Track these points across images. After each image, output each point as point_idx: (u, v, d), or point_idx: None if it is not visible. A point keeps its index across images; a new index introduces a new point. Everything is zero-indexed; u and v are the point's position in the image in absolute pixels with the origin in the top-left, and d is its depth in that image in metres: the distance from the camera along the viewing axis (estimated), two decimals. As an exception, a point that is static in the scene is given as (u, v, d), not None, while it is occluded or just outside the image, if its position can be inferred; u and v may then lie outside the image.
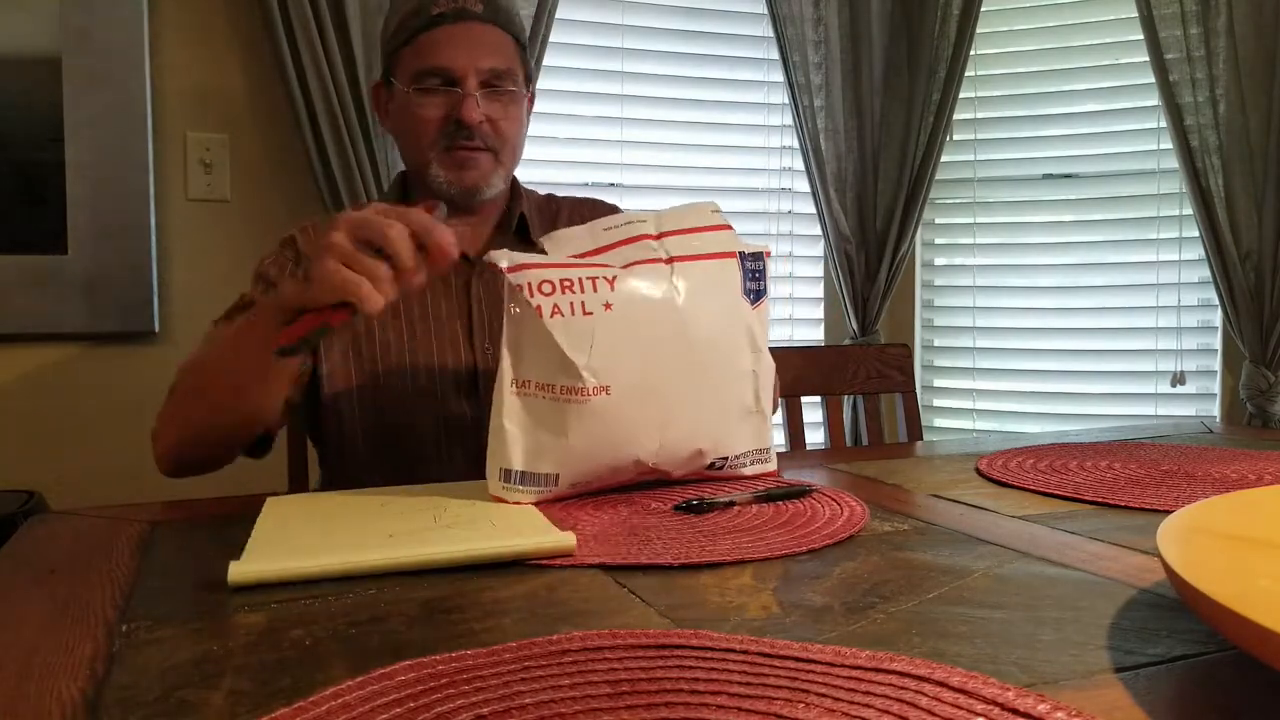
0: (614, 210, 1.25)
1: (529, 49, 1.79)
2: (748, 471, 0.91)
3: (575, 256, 0.86)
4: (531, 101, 1.19)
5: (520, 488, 0.81)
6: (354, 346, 1.11)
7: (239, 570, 0.60)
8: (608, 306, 0.81)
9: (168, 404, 0.99)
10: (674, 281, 0.85)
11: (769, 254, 0.93)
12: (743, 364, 0.89)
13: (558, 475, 0.81)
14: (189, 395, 0.97)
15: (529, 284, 0.80)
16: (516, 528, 0.70)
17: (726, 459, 0.89)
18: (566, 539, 0.66)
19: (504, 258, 0.82)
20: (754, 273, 0.90)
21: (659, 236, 0.88)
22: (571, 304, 0.80)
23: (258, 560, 0.62)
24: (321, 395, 1.10)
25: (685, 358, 0.84)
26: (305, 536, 0.69)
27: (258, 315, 0.89)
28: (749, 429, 0.90)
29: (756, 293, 0.90)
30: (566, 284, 0.80)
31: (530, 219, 1.18)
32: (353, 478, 1.08)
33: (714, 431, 0.87)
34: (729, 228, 0.92)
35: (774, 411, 0.95)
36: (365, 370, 1.10)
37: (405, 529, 0.70)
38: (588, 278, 0.81)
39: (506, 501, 0.81)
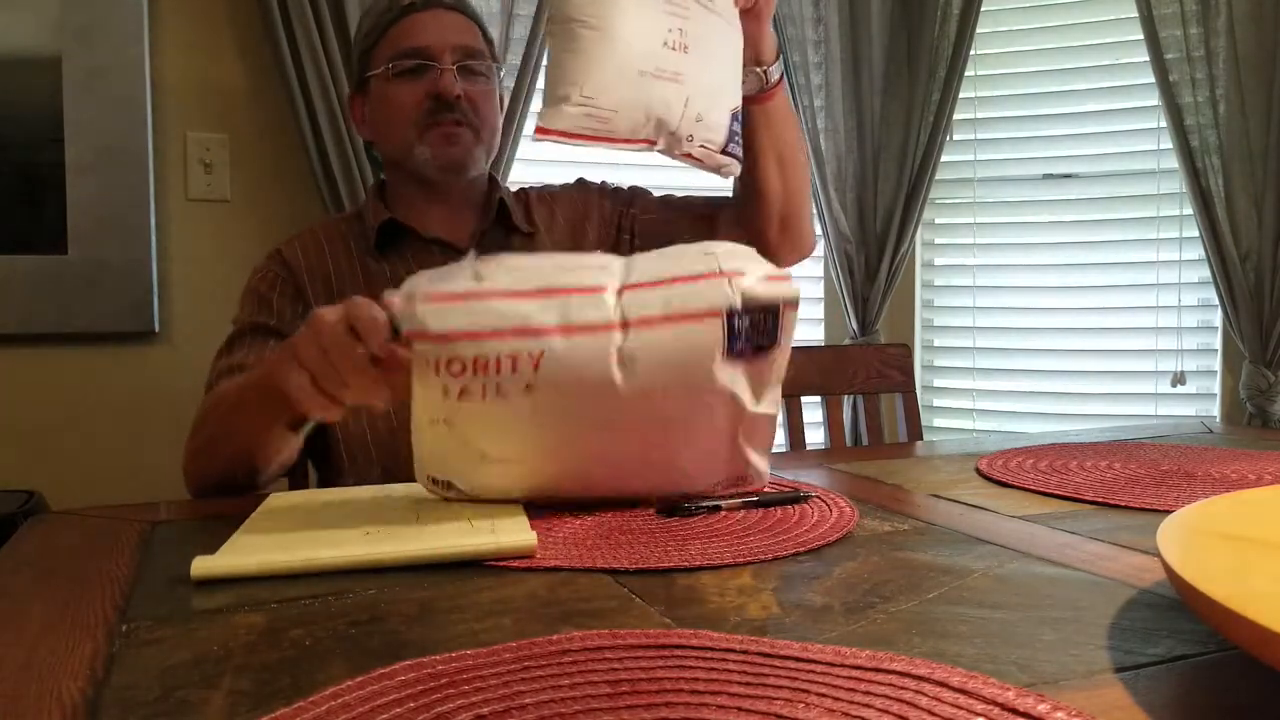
0: (580, 180, 1.28)
1: (531, 50, 1.80)
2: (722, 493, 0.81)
3: (510, 294, 0.71)
4: (502, 101, 1.20)
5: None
6: None
7: (202, 565, 0.62)
8: (529, 388, 0.70)
9: (193, 444, 1.00)
10: (622, 352, 0.70)
11: (791, 305, 0.74)
12: (716, 426, 0.76)
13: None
14: (210, 444, 0.97)
15: (437, 361, 0.70)
16: (493, 528, 0.69)
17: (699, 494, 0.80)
18: (528, 539, 0.65)
19: (410, 319, 0.70)
20: (759, 326, 0.73)
21: (622, 290, 0.72)
22: (484, 386, 0.70)
23: (226, 555, 0.64)
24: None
25: (624, 443, 0.74)
26: (283, 532, 0.71)
27: (259, 383, 0.89)
28: (722, 468, 0.79)
29: (758, 347, 0.73)
30: (481, 363, 0.69)
31: (511, 205, 1.18)
32: (355, 482, 1.08)
33: (673, 484, 0.78)
34: (722, 275, 0.72)
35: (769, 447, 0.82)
36: None
37: (383, 527, 0.71)
38: (507, 354, 0.69)
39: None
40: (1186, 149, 1.95)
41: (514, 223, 1.17)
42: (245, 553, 0.64)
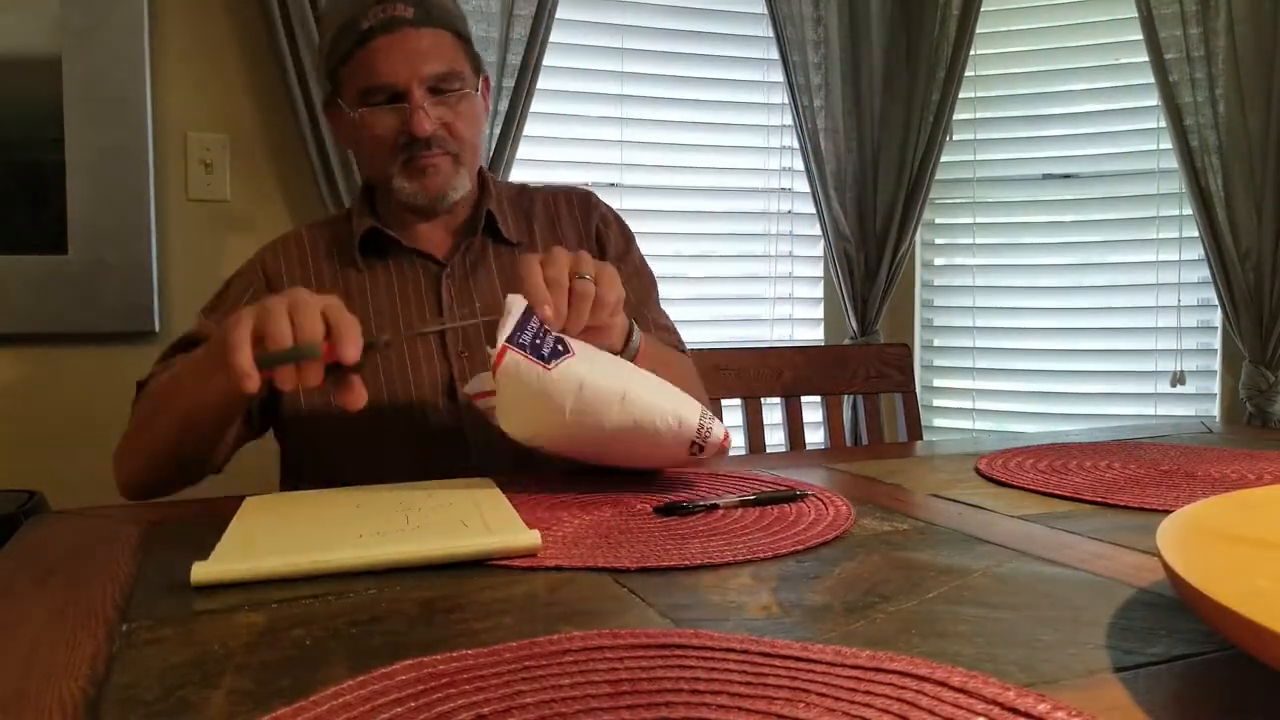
0: (587, 199, 1.23)
1: (531, 50, 1.80)
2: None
3: None
4: (487, 85, 1.17)
5: None
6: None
7: (202, 570, 0.60)
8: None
9: (130, 432, 1.01)
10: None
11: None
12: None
13: None
14: (148, 427, 0.99)
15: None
16: (488, 528, 0.69)
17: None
18: (531, 538, 0.66)
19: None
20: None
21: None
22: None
23: (223, 560, 0.63)
24: (284, 413, 1.08)
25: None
26: (276, 536, 0.70)
27: (200, 360, 0.91)
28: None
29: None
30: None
31: (499, 215, 1.16)
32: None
33: None
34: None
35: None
36: None
37: (375, 530, 0.70)
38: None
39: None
40: (1186, 149, 1.95)
41: (503, 235, 1.15)
42: (241, 557, 0.64)
